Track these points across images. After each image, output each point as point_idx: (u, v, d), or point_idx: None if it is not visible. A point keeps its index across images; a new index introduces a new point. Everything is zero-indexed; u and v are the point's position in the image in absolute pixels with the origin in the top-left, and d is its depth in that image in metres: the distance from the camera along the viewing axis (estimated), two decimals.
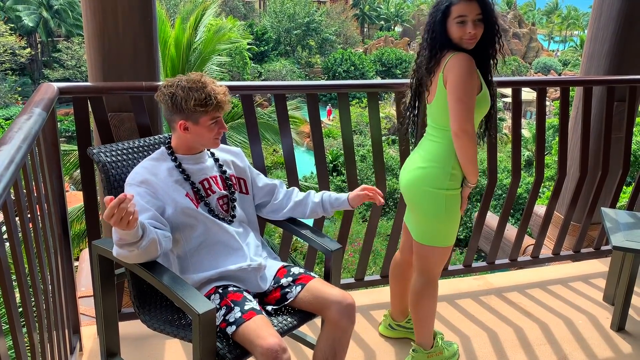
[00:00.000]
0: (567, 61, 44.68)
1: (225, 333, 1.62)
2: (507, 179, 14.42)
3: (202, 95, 1.68)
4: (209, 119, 1.72)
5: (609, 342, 2.53)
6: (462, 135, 1.88)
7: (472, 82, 1.89)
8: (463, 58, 1.87)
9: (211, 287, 1.75)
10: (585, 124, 3.04)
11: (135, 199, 1.58)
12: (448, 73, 1.89)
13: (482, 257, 3.58)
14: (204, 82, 1.71)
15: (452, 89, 1.88)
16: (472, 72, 1.88)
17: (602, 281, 3.02)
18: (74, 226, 7.46)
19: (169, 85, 1.72)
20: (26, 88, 28.81)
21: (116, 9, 2.30)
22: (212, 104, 1.70)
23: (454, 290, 2.92)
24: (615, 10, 3.25)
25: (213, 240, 1.78)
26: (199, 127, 1.73)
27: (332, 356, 1.74)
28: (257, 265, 1.82)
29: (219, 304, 1.68)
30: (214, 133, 1.76)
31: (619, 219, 2.69)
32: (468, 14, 1.87)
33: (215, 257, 1.78)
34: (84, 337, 2.36)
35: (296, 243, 11.48)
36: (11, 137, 1.40)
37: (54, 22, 31.82)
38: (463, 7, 1.87)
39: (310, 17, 40.19)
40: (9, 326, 1.27)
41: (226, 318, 1.63)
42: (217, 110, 1.73)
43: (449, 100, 1.89)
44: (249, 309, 1.63)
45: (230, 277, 1.78)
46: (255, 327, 1.57)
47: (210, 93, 1.70)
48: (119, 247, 1.55)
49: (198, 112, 1.70)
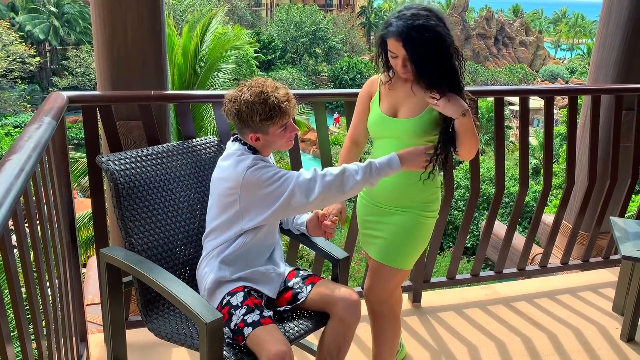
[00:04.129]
0: (574, 69, 44.56)
1: (234, 340, 1.65)
2: (515, 187, 14.36)
3: (267, 109, 1.68)
4: (278, 127, 1.73)
5: (619, 353, 2.50)
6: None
7: (357, 102, 2.03)
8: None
9: (239, 285, 1.77)
10: (593, 132, 3.03)
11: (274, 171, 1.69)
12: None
13: (490, 266, 3.56)
14: (265, 92, 1.69)
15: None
16: (360, 94, 2.02)
17: (611, 291, 3.00)
18: (82, 233, 7.50)
19: (233, 102, 1.72)
20: (35, 96, 29.07)
21: (125, 19, 2.32)
22: (277, 115, 1.69)
23: (461, 300, 2.91)
24: (624, 17, 3.24)
25: (260, 240, 1.82)
26: (269, 136, 1.74)
27: (337, 350, 1.79)
28: (281, 272, 1.88)
29: (242, 301, 1.71)
30: (286, 137, 1.77)
31: (628, 228, 2.66)
32: (396, 52, 1.76)
33: (256, 256, 1.83)
34: (91, 344, 2.36)
35: (302, 251, 11.46)
36: (21, 146, 1.42)
37: (63, 31, 32.13)
38: (392, 44, 1.76)
39: (316, 26, 40.35)
40: (17, 333, 1.27)
41: (245, 318, 1.66)
42: (284, 118, 1.72)
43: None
44: (267, 316, 1.68)
45: (258, 280, 1.81)
46: (267, 333, 1.61)
47: (273, 104, 1.68)
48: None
49: (265, 125, 1.70)
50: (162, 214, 1.91)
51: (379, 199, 1.99)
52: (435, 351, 2.47)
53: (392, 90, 1.93)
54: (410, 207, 1.94)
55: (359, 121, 2.05)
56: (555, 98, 2.91)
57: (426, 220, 1.97)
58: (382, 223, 1.99)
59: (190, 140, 2.10)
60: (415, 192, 1.93)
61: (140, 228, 1.85)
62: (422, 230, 1.98)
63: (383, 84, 1.95)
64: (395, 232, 1.96)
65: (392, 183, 1.91)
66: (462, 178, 15.26)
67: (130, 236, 1.82)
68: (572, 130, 3.00)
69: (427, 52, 1.71)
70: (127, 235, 1.82)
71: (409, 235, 1.95)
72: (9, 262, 1.18)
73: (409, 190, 1.92)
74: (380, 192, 1.97)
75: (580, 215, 3.16)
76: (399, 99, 1.91)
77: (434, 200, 1.98)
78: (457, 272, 2.98)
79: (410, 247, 1.97)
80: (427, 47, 1.70)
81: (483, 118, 21.76)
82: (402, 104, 1.90)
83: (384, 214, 1.98)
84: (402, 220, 1.95)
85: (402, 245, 1.96)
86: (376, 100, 1.96)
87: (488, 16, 48.05)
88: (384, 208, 1.98)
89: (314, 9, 42.08)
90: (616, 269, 3.14)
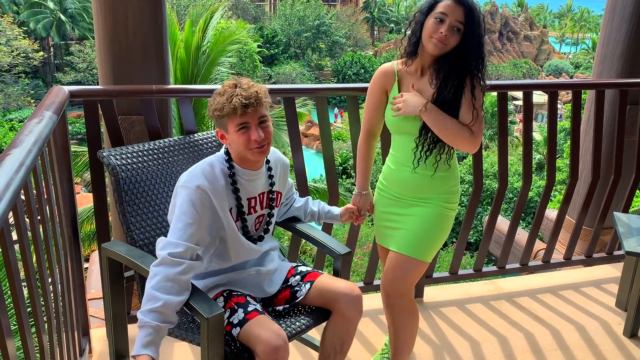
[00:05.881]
0: (578, 64, 44.33)
1: (232, 336, 1.63)
2: (518, 182, 14.32)
3: (221, 100, 1.60)
4: (234, 125, 1.62)
5: (622, 349, 2.49)
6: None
7: (369, 94, 2.03)
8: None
9: (218, 291, 1.76)
10: (597, 127, 3.01)
11: (191, 214, 1.58)
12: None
13: (493, 262, 3.55)
14: (231, 86, 1.62)
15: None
16: (371, 86, 2.02)
17: (614, 287, 2.98)
18: (84, 227, 7.52)
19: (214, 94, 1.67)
20: (39, 90, 29.11)
21: (127, 13, 2.31)
22: (227, 108, 1.59)
23: (464, 295, 2.90)
24: (629, 12, 3.22)
25: (231, 252, 1.76)
26: (229, 134, 1.65)
27: (340, 345, 1.78)
28: (265, 271, 1.83)
29: (223, 306, 1.69)
30: (246, 141, 1.62)
31: (632, 224, 2.65)
32: (449, 14, 1.78)
33: (227, 262, 1.79)
34: (93, 339, 2.36)
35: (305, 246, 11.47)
36: (22, 140, 1.41)
37: (68, 25, 32.13)
38: (447, 6, 1.78)
39: (320, 20, 40.24)
40: (18, 328, 1.27)
41: (230, 320, 1.64)
42: (236, 115, 1.59)
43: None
44: (252, 310, 1.65)
45: (236, 282, 1.78)
46: (257, 325, 1.59)
47: (230, 96, 1.59)
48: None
49: (218, 117, 1.63)
50: (164, 208, 1.90)
51: (399, 191, 2.01)
52: (437, 346, 2.47)
53: (408, 84, 1.93)
54: (432, 198, 1.96)
55: (373, 112, 2.04)
56: (559, 93, 2.90)
57: (448, 212, 1.98)
58: (403, 215, 2.00)
59: (191, 135, 2.10)
60: (436, 183, 1.94)
61: (142, 223, 1.85)
62: (444, 222, 1.99)
63: (403, 71, 1.95)
64: (417, 223, 1.96)
65: (412, 175, 1.94)
66: (466, 173, 15.24)
67: (131, 231, 1.82)
68: (576, 125, 2.98)
69: (479, 25, 1.80)
70: (128, 230, 1.82)
71: (431, 227, 1.96)
72: (9, 256, 1.18)
73: (430, 182, 1.94)
74: (400, 184, 2.00)
75: (583, 210, 3.14)
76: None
77: (454, 192, 2.00)
78: (459, 268, 2.98)
79: (432, 239, 1.98)
80: (479, 21, 1.80)
81: (487, 113, 21.67)
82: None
83: (405, 206, 1.99)
84: (425, 212, 1.96)
85: (425, 236, 1.96)
86: (392, 95, 1.96)
87: (492, 10, 47.75)
88: (405, 200, 2.00)
89: (317, 3, 41.90)
90: (619, 265, 3.13)
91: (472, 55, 1.81)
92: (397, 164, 2.00)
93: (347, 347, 1.81)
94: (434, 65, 1.86)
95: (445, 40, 1.79)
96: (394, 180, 2.02)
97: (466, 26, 1.79)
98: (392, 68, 1.99)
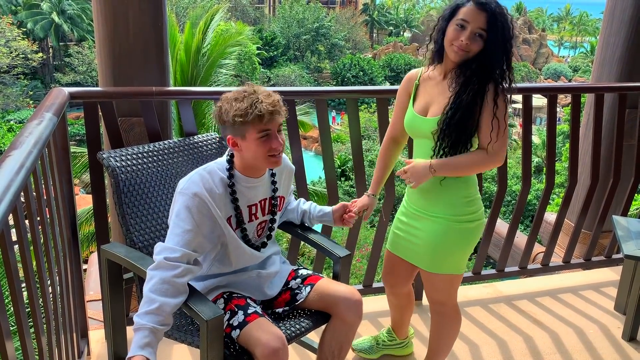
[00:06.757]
0: (577, 67, 44.43)
1: (231, 339, 1.63)
2: (517, 186, 14.34)
3: (244, 105, 1.54)
4: (256, 132, 1.57)
5: (620, 352, 2.49)
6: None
7: (396, 100, 2.01)
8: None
9: (218, 293, 1.76)
10: (596, 131, 3.01)
11: (188, 220, 1.57)
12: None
13: (492, 265, 3.55)
14: (250, 92, 1.58)
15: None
16: (398, 91, 1.99)
17: (613, 290, 2.99)
18: (83, 228, 7.51)
19: (220, 99, 1.62)
20: (37, 92, 29.08)
21: (127, 15, 2.32)
22: (252, 114, 1.54)
23: (462, 298, 2.90)
24: (628, 15, 3.23)
25: (232, 258, 1.75)
26: (246, 142, 1.59)
27: (338, 349, 1.78)
28: (266, 274, 1.83)
29: (223, 308, 1.69)
30: (266, 149, 1.60)
31: (631, 227, 2.65)
32: (470, 21, 1.71)
33: (228, 267, 1.78)
34: (92, 341, 2.36)
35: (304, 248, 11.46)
36: (22, 141, 1.41)
37: (67, 27, 32.11)
38: (469, 13, 1.72)
39: (319, 23, 40.28)
40: (17, 329, 1.27)
41: (230, 322, 1.64)
42: (261, 122, 1.56)
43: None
44: (251, 312, 1.64)
45: (237, 284, 1.78)
46: (257, 327, 1.59)
47: (253, 102, 1.55)
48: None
49: (239, 124, 1.56)
50: (163, 210, 1.90)
51: (412, 202, 1.99)
52: None
53: (427, 87, 1.89)
54: (438, 213, 1.89)
55: (397, 119, 2.02)
56: (558, 96, 2.90)
57: (461, 225, 1.88)
58: (412, 227, 1.98)
59: (191, 137, 2.10)
60: (445, 193, 1.87)
61: (141, 225, 1.85)
62: (456, 236, 1.89)
63: (426, 75, 1.91)
64: (425, 239, 1.93)
65: (420, 188, 1.89)
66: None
67: (131, 233, 1.82)
68: (575, 129, 2.99)
69: (504, 30, 1.72)
70: (127, 231, 1.82)
71: (440, 243, 1.90)
72: (8, 258, 1.18)
73: (440, 190, 1.87)
74: (412, 195, 1.99)
75: (582, 213, 3.15)
76: (432, 97, 1.86)
77: (465, 204, 1.89)
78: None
79: (445, 253, 1.91)
80: (504, 26, 1.72)
81: None
82: (434, 102, 1.85)
83: (415, 218, 1.97)
84: (432, 228, 1.91)
85: (436, 251, 1.92)
86: (412, 99, 1.94)
87: None
88: (415, 212, 1.97)
89: (316, 5, 41.99)
90: (618, 268, 3.13)
91: (496, 62, 1.74)
92: None
93: (345, 351, 1.81)
94: (456, 70, 1.80)
95: (466, 48, 1.73)
96: (408, 189, 2.00)
97: (489, 32, 1.71)
98: (417, 73, 1.96)
